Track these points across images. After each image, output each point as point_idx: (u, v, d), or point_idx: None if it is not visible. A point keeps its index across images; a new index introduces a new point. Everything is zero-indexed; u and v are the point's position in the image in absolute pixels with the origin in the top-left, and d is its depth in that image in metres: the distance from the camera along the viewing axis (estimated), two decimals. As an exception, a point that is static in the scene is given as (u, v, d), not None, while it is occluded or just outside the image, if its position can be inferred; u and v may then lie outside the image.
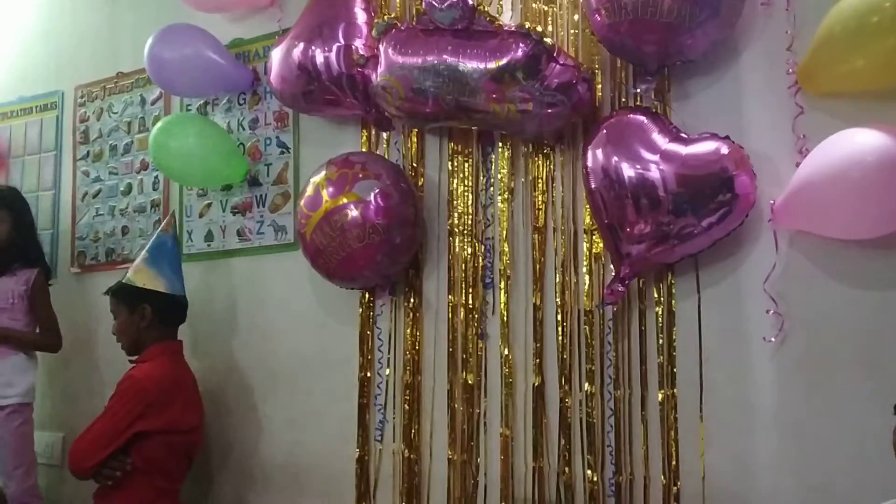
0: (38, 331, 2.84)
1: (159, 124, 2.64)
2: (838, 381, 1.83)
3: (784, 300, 1.88)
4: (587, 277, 2.11)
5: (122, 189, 2.98)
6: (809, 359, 1.86)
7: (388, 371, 2.38)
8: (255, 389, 2.65)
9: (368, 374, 2.41)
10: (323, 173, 2.27)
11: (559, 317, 2.13)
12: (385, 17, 2.29)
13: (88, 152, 3.09)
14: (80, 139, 3.11)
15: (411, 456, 2.31)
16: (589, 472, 2.06)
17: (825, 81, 1.82)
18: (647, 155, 1.86)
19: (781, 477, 1.88)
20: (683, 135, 1.90)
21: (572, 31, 2.16)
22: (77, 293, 3.05)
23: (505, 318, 2.21)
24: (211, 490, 2.71)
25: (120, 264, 2.95)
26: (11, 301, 2.77)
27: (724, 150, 1.83)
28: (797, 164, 1.83)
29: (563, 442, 2.11)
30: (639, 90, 2.02)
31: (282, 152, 2.64)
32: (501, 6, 2.25)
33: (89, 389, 2.99)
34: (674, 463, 1.97)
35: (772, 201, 1.85)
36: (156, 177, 2.90)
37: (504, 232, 2.22)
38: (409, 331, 2.35)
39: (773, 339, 1.88)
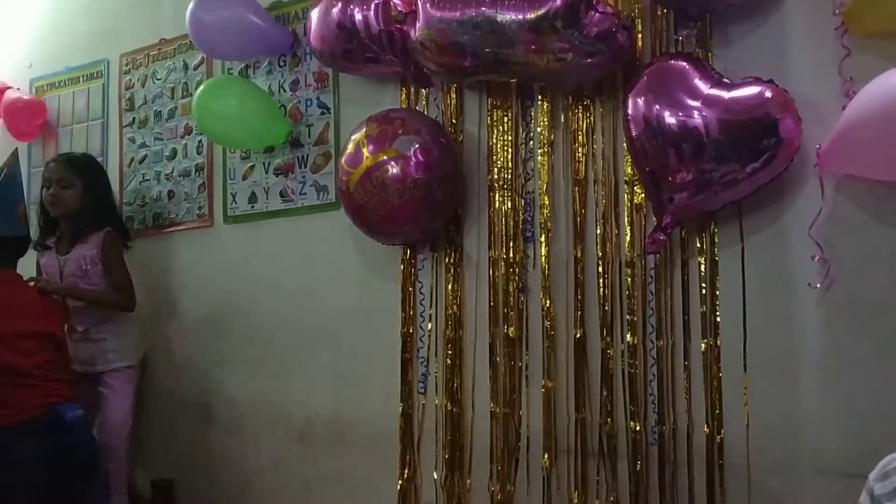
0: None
1: (202, 87, 2.68)
2: (884, 326, 1.80)
3: (829, 246, 1.85)
4: (628, 228, 2.10)
5: (167, 154, 3.04)
6: (855, 305, 1.83)
7: (429, 326, 2.40)
8: (300, 347, 2.69)
9: (410, 330, 2.44)
10: (363, 130, 2.29)
11: (600, 269, 2.13)
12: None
13: (134, 119, 3.14)
14: (126, 106, 3.17)
15: (454, 409, 2.34)
16: (632, 422, 2.07)
17: (872, 21, 1.78)
18: (688, 101, 1.84)
19: (826, 425, 1.87)
20: (726, 80, 1.87)
21: (611, -20, 2.14)
22: (126, 257, 3.12)
23: (546, 271, 2.21)
24: (257, 446, 2.77)
25: (166, 228, 3.01)
26: (85, 267, 2.80)
27: (768, 94, 1.80)
28: (843, 108, 1.80)
29: (605, 393, 2.12)
30: (680, 37, 2.00)
31: (322, 113, 2.66)
32: (539, -43, 2.24)
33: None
34: (717, 412, 1.97)
35: (817, 146, 1.82)
36: (199, 141, 2.94)
37: (544, 185, 2.22)
38: (450, 286, 2.37)
39: (818, 286, 1.85)
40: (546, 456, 2.18)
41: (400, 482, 2.42)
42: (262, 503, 2.76)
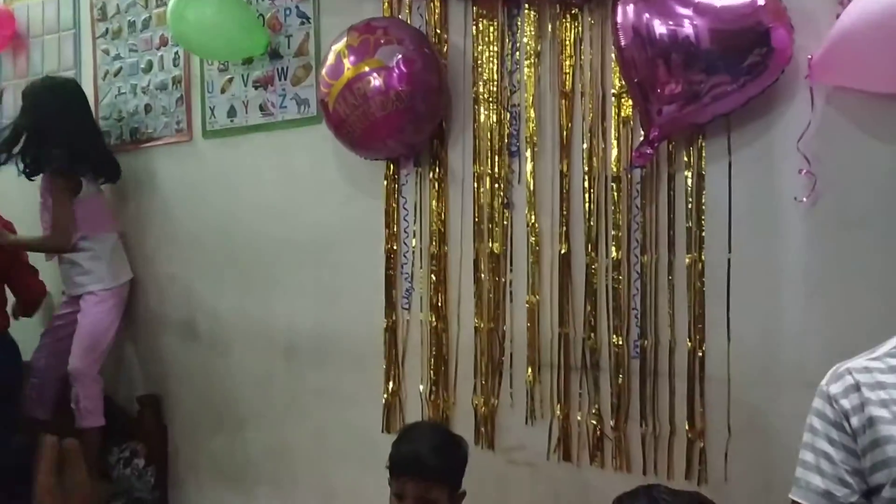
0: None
1: (176, -5, 2.58)
2: (869, 241, 1.80)
3: (818, 160, 1.83)
4: (615, 142, 2.07)
5: (142, 66, 2.95)
6: (841, 219, 1.83)
7: (414, 242, 2.39)
8: (283, 264, 2.68)
9: (394, 246, 2.42)
10: (344, 40, 2.22)
11: (586, 183, 2.11)
12: None
13: (107, 30, 3.04)
14: (98, 16, 3.06)
15: (438, 325, 2.35)
16: (615, 336, 2.08)
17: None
18: (679, 9, 1.78)
19: (807, 338, 1.88)
20: (718, -13, 1.81)
21: None
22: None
23: (531, 187, 2.18)
24: (242, 362, 2.78)
25: (144, 143, 2.95)
26: (41, 200, 2.80)
27: (760, 2, 1.74)
28: (837, 16, 1.75)
29: (588, 308, 2.12)
30: (672, -58, 1.92)
31: (302, 23, 2.57)
32: None
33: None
34: (699, 326, 1.98)
35: (809, 56, 1.78)
36: (176, 52, 2.85)
37: (530, 98, 2.17)
38: (434, 201, 2.34)
39: (804, 200, 1.84)
40: (530, 370, 2.20)
41: (385, 397, 2.45)
42: (248, 419, 2.79)
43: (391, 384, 2.44)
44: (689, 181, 1.98)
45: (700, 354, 1.98)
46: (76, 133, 2.79)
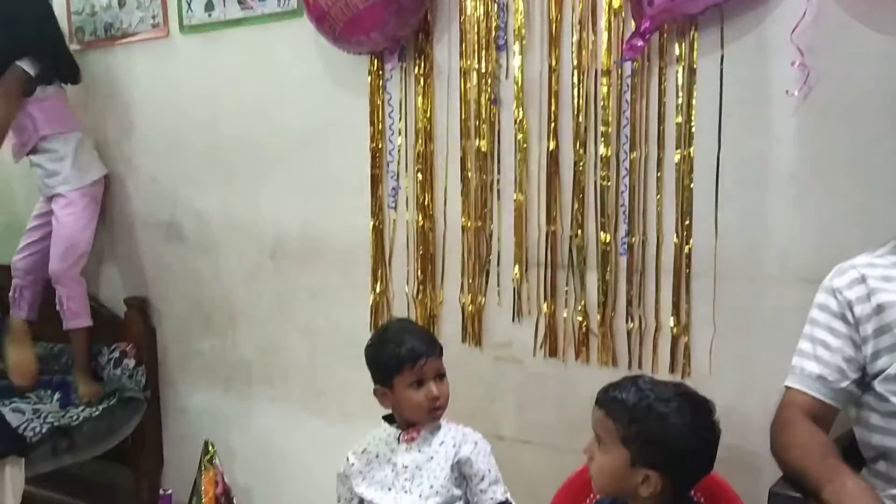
0: None
1: None
2: (859, 135, 1.77)
3: (811, 52, 1.78)
4: (605, 35, 2.01)
5: (114, -43, 2.83)
6: (832, 112, 1.79)
7: (399, 140, 2.35)
8: (266, 163, 2.64)
9: (379, 145, 2.38)
10: (324, -73, 2.12)
11: (575, 78, 2.06)
12: None
13: (76, -82, 2.90)
14: None
15: (425, 224, 2.33)
16: (602, 234, 2.07)
17: None
18: None
19: (794, 233, 1.88)
20: None
21: None
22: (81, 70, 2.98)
23: (519, 82, 2.13)
24: (229, 263, 2.78)
25: (119, 39, 2.86)
26: None
27: None
28: None
29: (576, 206, 2.11)
30: None
31: None
32: None
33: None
34: (687, 223, 1.97)
35: (807, -59, 1.72)
36: (149, -58, 2.73)
37: (518, -12, 2.10)
38: (419, 98, 2.29)
39: (796, 93, 1.81)
40: (516, 268, 2.21)
41: (372, 296, 2.45)
42: (235, 320, 2.81)
43: (378, 284, 2.44)
44: (681, 75, 1.94)
45: (687, 251, 1.98)
46: (49, 43, 2.71)
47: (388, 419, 1.89)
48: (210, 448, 1.40)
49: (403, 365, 1.79)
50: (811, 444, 1.44)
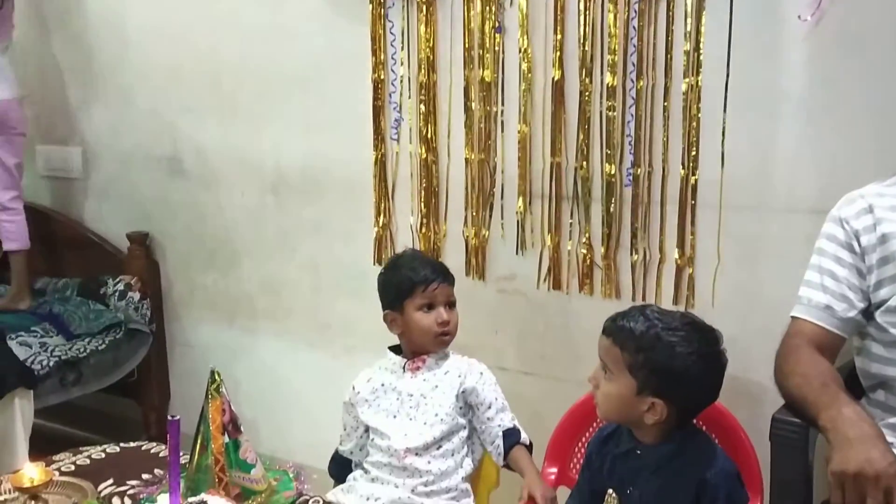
0: None
1: None
2: (872, 62, 1.74)
3: (826, -24, 1.74)
4: (613, -41, 1.96)
5: None
6: (844, 39, 1.76)
7: (402, 71, 2.31)
8: (267, 95, 2.60)
9: (382, 76, 2.34)
10: None
11: (581, 5, 2.01)
12: None
13: None
14: None
15: (428, 156, 2.31)
16: (607, 165, 2.05)
17: None
18: None
19: (802, 163, 1.86)
20: None
21: None
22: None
23: (524, 9, 2.08)
24: (231, 197, 2.76)
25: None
26: None
27: None
28: None
29: (581, 137, 2.08)
30: None
31: None
32: None
33: (101, 98, 2.97)
34: (693, 153, 1.95)
35: None
36: None
37: (524, -89, 2.03)
38: (422, 26, 2.24)
39: (808, 18, 1.76)
40: (520, 201, 2.19)
41: (375, 230, 2.44)
42: (239, 255, 2.80)
43: (381, 217, 2.43)
44: (689, 1, 1.89)
45: (693, 182, 1.96)
46: None
47: (395, 350, 1.90)
48: (216, 377, 1.39)
49: (415, 288, 1.80)
50: (812, 373, 1.45)
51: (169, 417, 1.17)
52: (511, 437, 1.79)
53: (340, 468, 1.91)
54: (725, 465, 1.45)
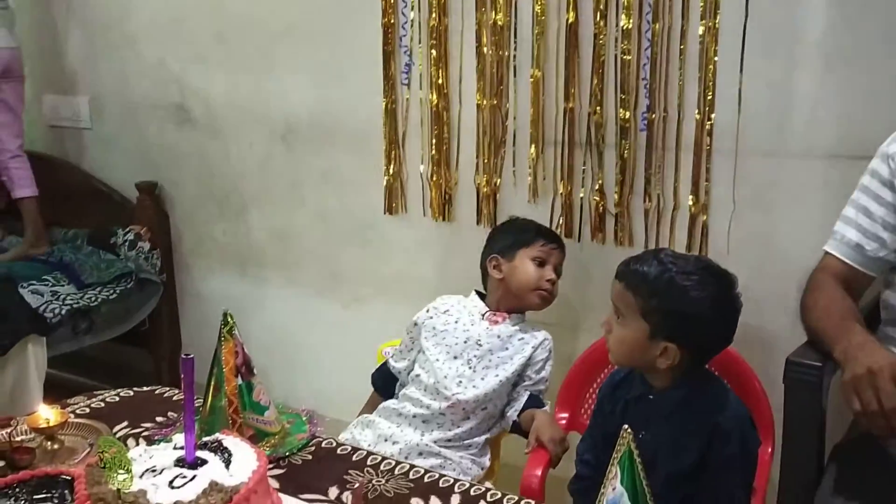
0: None
1: None
2: (894, 6, 1.69)
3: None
4: None
5: None
6: (869, -22, 1.71)
7: (412, 14, 2.26)
8: (274, 43, 2.57)
9: (392, 20, 2.30)
10: None
11: (597, -56, 1.97)
12: None
13: None
14: None
15: (439, 103, 2.28)
16: (621, 110, 2.02)
17: None
18: None
19: (820, 108, 1.83)
20: None
21: None
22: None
23: (537, -50, 2.04)
24: (240, 148, 2.74)
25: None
26: None
27: None
28: None
29: (595, 81, 2.04)
30: None
31: None
32: None
33: (108, 47, 2.94)
34: (710, 97, 1.91)
35: None
36: None
37: None
38: (433, -32, 2.20)
39: (832, -44, 1.72)
40: (533, 147, 2.16)
41: (385, 178, 2.42)
42: (249, 204, 2.79)
43: (392, 165, 2.41)
44: (709, -61, 1.84)
45: (708, 127, 1.93)
46: None
47: (480, 295, 1.92)
48: (229, 319, 1.39)
49: (537, 239, 1.86)
50: (833, 308, 1.44)
51: (182, 356, 1.17)
52: (532, 401, 1.79)
53: (385, 381, 1.94)
54: (738, 410, 1.44)
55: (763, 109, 1.87)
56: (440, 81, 2.25)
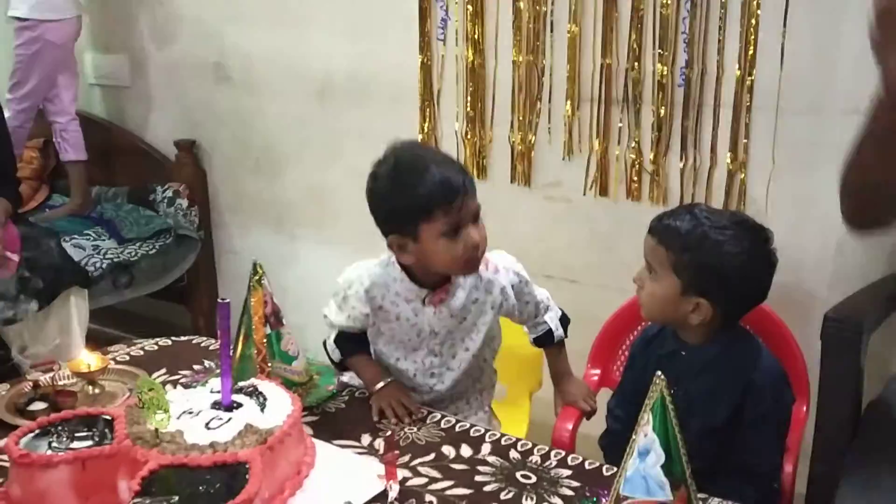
0: None
1: None
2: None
3: None
4: None
5: None
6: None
7: (449, -31, 2.25)
8: (308, 0, 2.56)
9: (428, -25, 2.28)
10: None
11: None
12: None
13: None
14: None
15: (475, 59, 2.26)
16: (659, 65, 1.99)
17: None
18: None
19: (864, 65, 1.76)
20: None
21: None
22: None
23: None
24: (277, 104, 2.75)
25: None
26: None
27: None
28: None
29: (633, 37, 2.01)
30: None
31: None
32: None
33: (148, 6, 2.96)
34: (751, 53, 1.88)
35: None
36: None
37: None
38: (470, -78, 2.17)
39: None
40: (568, 104, 2.14)
41: (420, 136, 2.42)
42: (284, 161, 2.81)
43: (427, 123, 2.40)
44: None
45: (749, 83, 1.89)
46: None
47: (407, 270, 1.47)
48: (258, 269, 1.40)
49: (434, 208, 1.33)
50: None
51: (219, 300, 1.19)
52: (547, 337, 1.63)
53: (354, 344, 1.55)
54: (772, 367, 1.43)
55: (806, 65, 1.83)
56: (476, 37, 2.24)
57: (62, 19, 2.68)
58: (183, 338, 1.74)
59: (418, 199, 1.35)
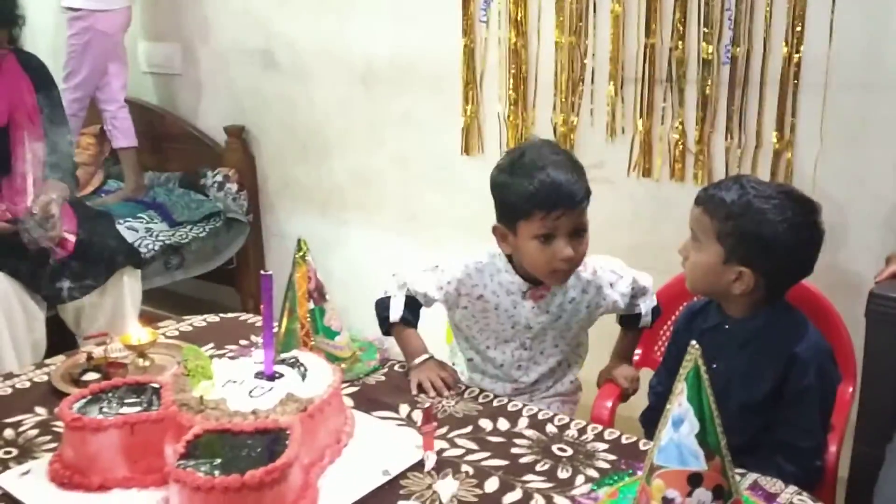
0: None
1: None
2: None
3: None
4: None
5: None
6: None
7: (491, -50, 2.25)
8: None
9: (471, -42, 2.29)
10: None
11: None
12: None
13: None
14: None
15: (518, 41, 2.26)
16: (704, 44, 1.96)
17: None
18: None
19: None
20: None
21: None
22: None
23: None
24: (322, 90, 2.79)
25: None
26: None
27: None
28: None
29: (678, 15, 1.99)
30: None
31: None
32: None
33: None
34: (798, 30, 1.84)
35: None
36: None
37: None
38: None
39: None
40: (611, 85, 2.13)
41: (463, 119, 2.43)
42: (330, 145, 2.84)
43: (469, 106, 2.41)
44: None
45: (796, 60, 1.86)
46: None
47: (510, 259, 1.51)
48: (303, 245, 1.44)
49: (534, 210, 1.37)
50: None
51: (262, 272, 1.22)
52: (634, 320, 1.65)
53: (414, 314, 1.57)
54: (817, 342, 1.40)
55: (856, 41, 1.80)
56: (518, 18, 2.24)
57: (112, 9, 2.76)
58: (230, 314, 1.79)
59: (522, 197, 1.39)
